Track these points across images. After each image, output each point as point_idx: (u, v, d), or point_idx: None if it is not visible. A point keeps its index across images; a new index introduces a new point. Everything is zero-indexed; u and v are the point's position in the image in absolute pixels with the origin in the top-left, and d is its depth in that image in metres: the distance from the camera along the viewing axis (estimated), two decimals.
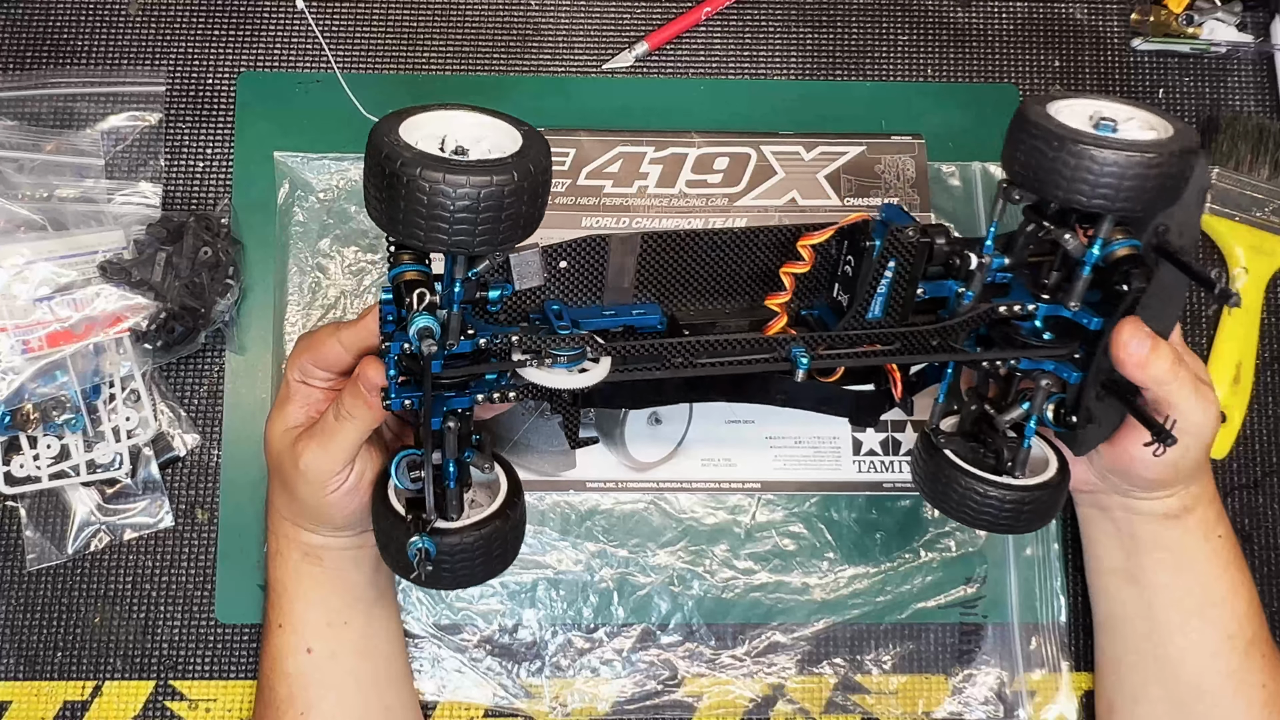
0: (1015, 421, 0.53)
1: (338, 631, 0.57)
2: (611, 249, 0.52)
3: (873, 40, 0.72)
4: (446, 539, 0.48)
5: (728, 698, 0.64)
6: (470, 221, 0.40)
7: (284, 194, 0.67)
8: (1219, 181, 0.69)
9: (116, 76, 0.69)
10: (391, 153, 0.40)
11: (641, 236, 0.52)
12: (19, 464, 0.63)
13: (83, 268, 0.63)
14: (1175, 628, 0.58)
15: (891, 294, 0.51)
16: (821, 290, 0.56)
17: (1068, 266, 0.50)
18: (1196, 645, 0.57)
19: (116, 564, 0.64)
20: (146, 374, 0.64)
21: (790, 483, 0.66)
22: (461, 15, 0.71)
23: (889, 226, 0.50)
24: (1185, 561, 0.58)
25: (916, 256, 0.50)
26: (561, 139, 0.68)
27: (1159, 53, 0.73)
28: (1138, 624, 0.59)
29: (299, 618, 0.57)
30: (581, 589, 0.64)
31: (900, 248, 0.50)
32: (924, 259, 0.50)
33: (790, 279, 0.53)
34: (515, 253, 0.49)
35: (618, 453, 0.65)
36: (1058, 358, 0.51)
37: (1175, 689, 0.58)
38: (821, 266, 0.54)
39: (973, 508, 0.53)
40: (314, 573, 0.57)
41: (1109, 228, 0.47)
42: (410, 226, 0.40)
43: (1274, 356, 0.69)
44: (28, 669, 0.63)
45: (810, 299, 0.56)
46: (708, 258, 0.53)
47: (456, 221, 0.40)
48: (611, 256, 0.52)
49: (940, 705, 0.64)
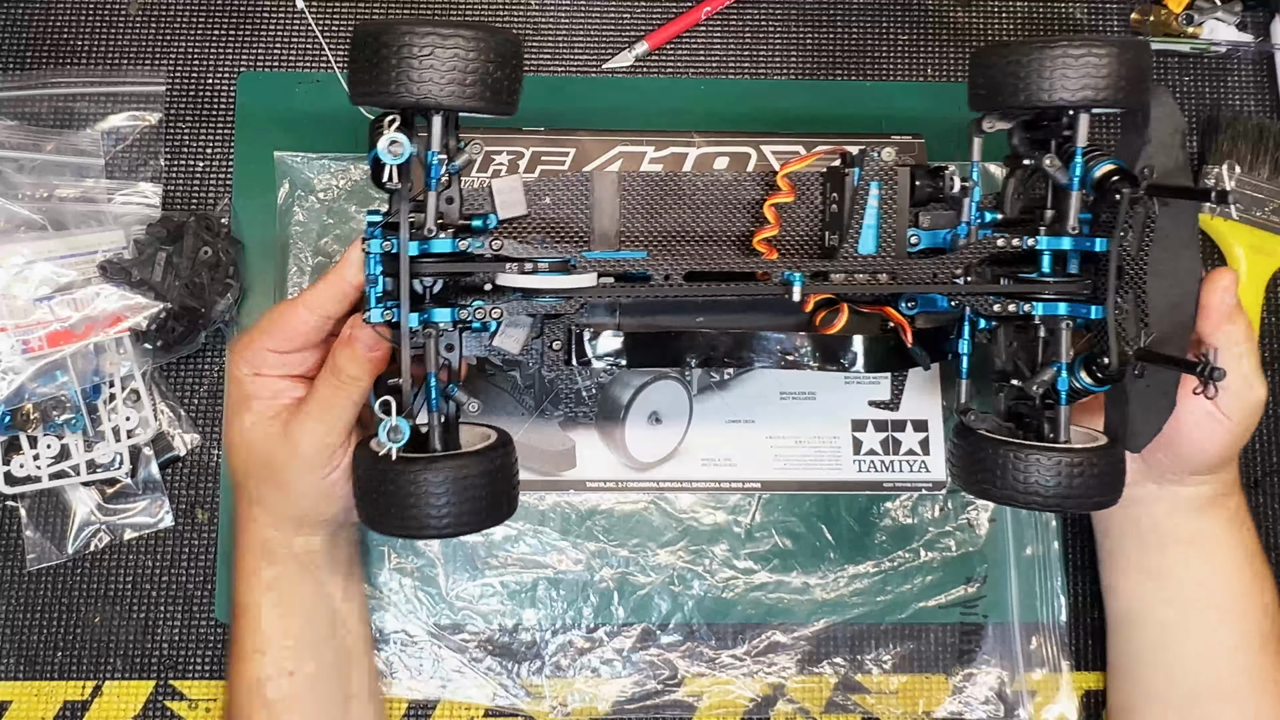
0: (1047, 385, 0.50)
1: (319, 650, 0.56)
2: (593, 184, 0.52)
3: (873, 40, 0.72)
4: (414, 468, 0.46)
5: (728, 697, 0.64)
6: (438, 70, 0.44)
7: (284, 194, 0.67)
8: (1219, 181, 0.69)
9: (116, 76, 0.69)
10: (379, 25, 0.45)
11: (620, 176, 0.52)
12: (19, 464, 0.63)
13: (83, 268, 0.63)
14: (1195, 624, 0.57)
15: (882, 226, 0.51)
16: (815, 242, 0.54)
17: (1059, 203, 0.50)
18: (1216, 642, 0.57)
19: (116, 564, 0.64)
20: (146, 374, 0.64)
21: (790, 483, 0.66)
22: (461, 15, 0.71)
23: (865, 151, 0.51)
24: (1210, 555, 0.57)
25: (899, 179, 0.51)
26: (561, 139, 0.68)
27: (1159, 52, 0.73)
28: (1156, 621, 0.58)
29: (281, 639, 0.55)
30: (581, 589, 0.64)
31: (879, 169, 0.50)
32: (909, 182, 0.51)
33: (773, 211, 0.53)
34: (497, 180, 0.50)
35: (618, 453, 0.65)
36: (1068, 292, 0.50)
37: (1194, 686, 0.57)
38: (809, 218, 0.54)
39: (1019, 482, 0.48)
40: (298, 588, 0.55)
41: (1083, 129, 0.48)
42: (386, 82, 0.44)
43: (1274, 356, 0.69)
44: (28, 669, 0.63)
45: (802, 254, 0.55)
46: (693, 200, 0.53)
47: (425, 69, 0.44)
48: (594, 193, 0.52)
49: (941, 705, 0.64)
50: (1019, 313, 0.51)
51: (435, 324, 0.48)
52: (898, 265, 0.51)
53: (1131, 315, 0.50)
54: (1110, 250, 0.49)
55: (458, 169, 0.49)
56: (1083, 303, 0.50)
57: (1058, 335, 0.50)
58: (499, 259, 0.49)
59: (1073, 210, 0.49)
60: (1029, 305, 0.50)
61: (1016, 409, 0.53)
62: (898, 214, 0.51)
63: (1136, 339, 0.50)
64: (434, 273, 0.48)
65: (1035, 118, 0.51)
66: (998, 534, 0.66)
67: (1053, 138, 0.50)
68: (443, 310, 0.49)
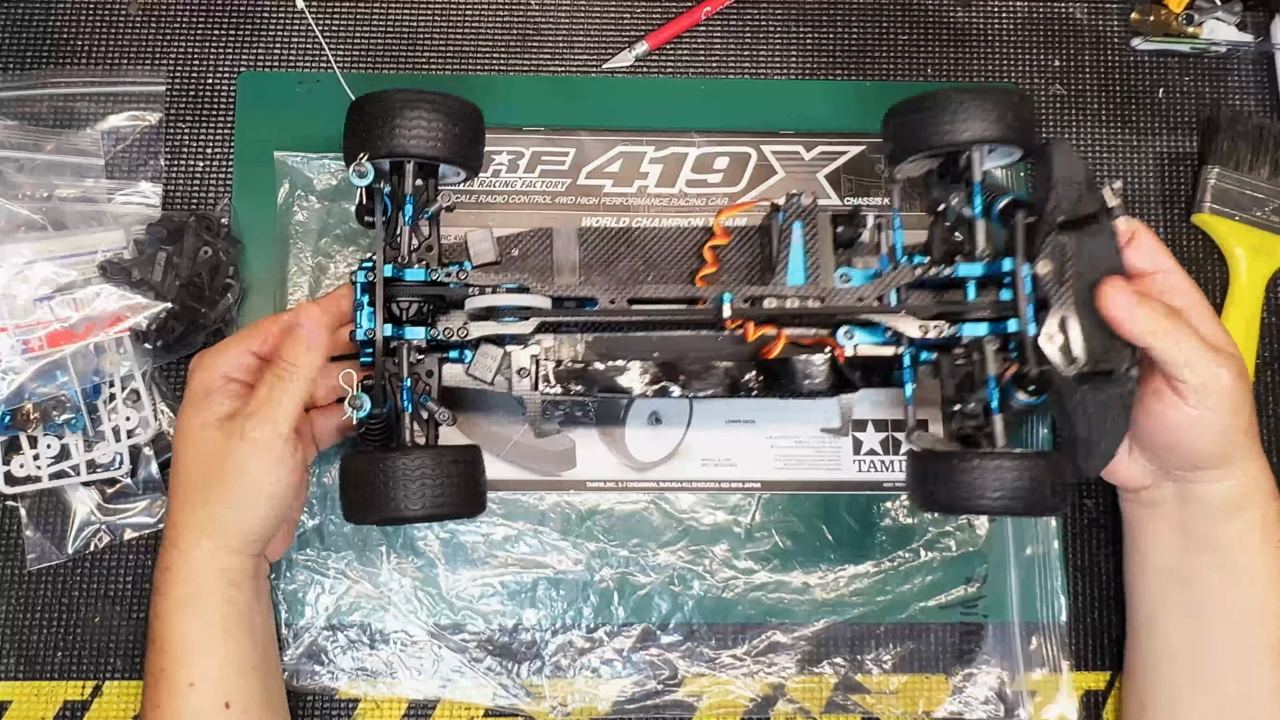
0: (983, 400, 0.54)
1: (249, 679, 0.55)
2: (555, 237, 0.59)
3: (873, 40, 0.72)
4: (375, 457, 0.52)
5: (728, 698, 0.64)
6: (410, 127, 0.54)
7: (284, 194, 0.67)
8: (1219, 181, 0.69)
9: (116, 76, 0.69)
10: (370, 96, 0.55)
11: (579, 230, 0.60)
12: (19, 464, 0.63)
13: (83, 268, 0.63)
14: (1221, 635, 0.56)
15: (808, 260, 0.58)
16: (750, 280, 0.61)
17: (973, 236, 0.56)
18: (1242, 655, 0.56)
19: (116, 564, 0.64)
20: (146, 374, 0.64)
21: (790, 483, 0.66)
22: (461, 15, 0.71)
23: (790, 197, 0.58)
24: (1239, 568, 0.56)
25: (819, 219, 0.58)
26: (561, 139, 0.68)
27: (1159, 52, 0.73)
28: (1181, 627, 0.58)
29: (216, 671, 0.54)
30: (581, 589, 0.64)
31: (801, 211, 0.58)
32: (830, 224, 0.58)
33: (711, 253, 0.59)
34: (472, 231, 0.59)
35: (618, 453, 0.65)
36: (981, 310, 0.55)
37: (1216, 696, 0.56)
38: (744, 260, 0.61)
39: (961, 489, 0.52)
40: (234, 610, 0.55)
41: (978, 164, 0.55)
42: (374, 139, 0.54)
43: (1274, 356, 0.70)
44: (28, 669, 0.63)
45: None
46: (644, 249, 0.60)
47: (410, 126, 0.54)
48: (556, 244, 0.59)
49: (941, 705, 0.64)
50: (945, 337, 0.55)
51: (408, 340, 0.55)
52: (825, 292, 0.57)
53: (1062, 340, 0.53)
54: (1016, 268, 0.53)
55: (431, 214, 0.57)
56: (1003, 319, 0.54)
57: (984, 354, 0.55)
58: (465, 285, 0.56)
59: (979, 236, 0.55)
60: (953, 328, 0.55)
61: (963, 430, 0.56)
62: (821, 250, 0.58)
63: (1072, 363, 0.53)
64: (409, 294, 0.55)
65: (943, 166, 0.58)
66: (998, 534, 0.66)
67: (961, 181, 0.56)
68: (416, 329, 0.55)
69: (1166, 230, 0.71)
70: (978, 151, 0.55)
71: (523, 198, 0.68)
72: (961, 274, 0.55)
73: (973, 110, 0.54)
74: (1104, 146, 0.71)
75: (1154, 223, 0.71)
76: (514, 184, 0.68)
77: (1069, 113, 0.72)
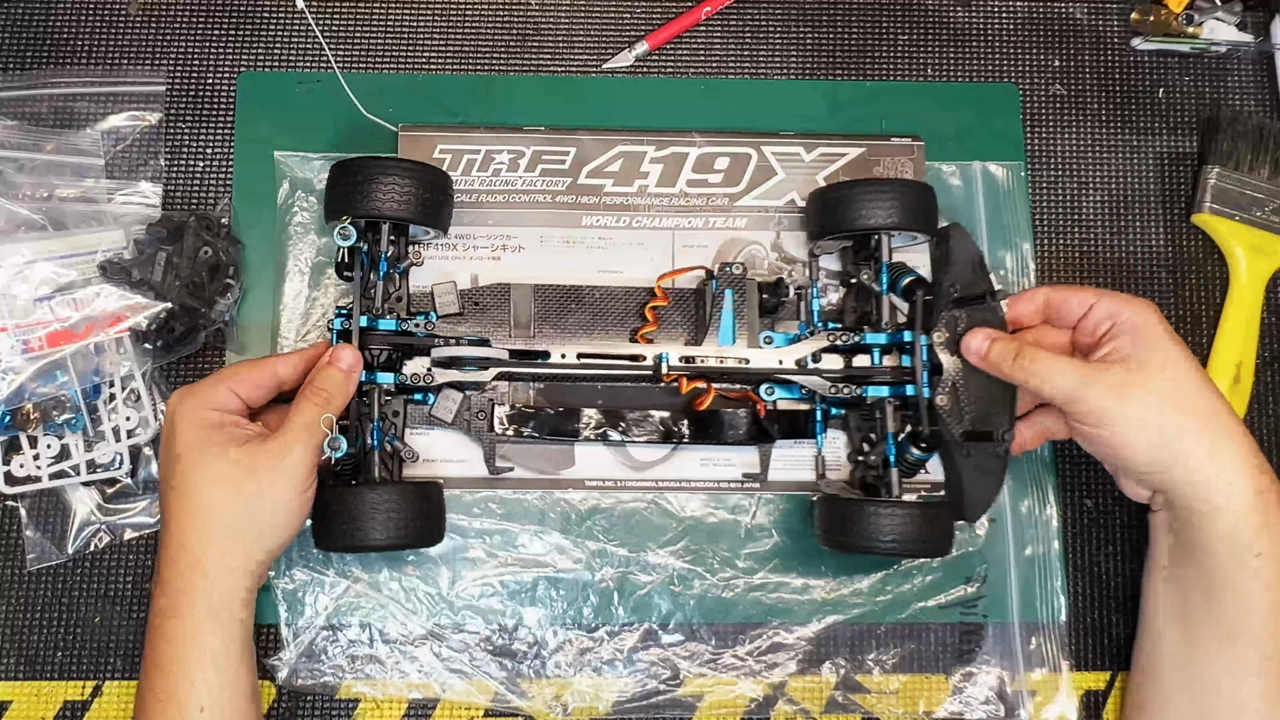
0: (882, 454, 0.62)
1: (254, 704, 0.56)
2: (513, 293, 0.65)
3: (873, 40, 0.72)
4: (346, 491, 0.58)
5: (728, 697, 0.64)
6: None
7: (284, 194, 0.67)
8: (1219, 181, 0.69)
9: (116, 76, 0.69)
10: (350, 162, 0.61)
11: (534, 287, 0.65)
12: (19, 464, 0.63)
13: (83, 268, 0.63)
14: (1209, 647, 0.56)
15: (737, 323, 0.63)
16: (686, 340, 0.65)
17: (878, 307, 0.63)
18: (1233, 664, 0.56)
19: (116, 564, 0.64)
20: (146, 374, 0.64)
21: (791, 483, 0.66)
22: (461, 15, 0.71)
23: (723, 266, 0.64)
24: (1219, 584, 0.56)
25: (748, 287, 0.64)
26: (561, 139, 0.68)
27: (1159, 52, 0.73)
28: (1175, 631, 0.58)
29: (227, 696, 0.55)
30: (581, 588, 0.64)
31: (732, 280, 0.64)
32: (757, 290, 0.64)
33: (652, 313, 0.64)
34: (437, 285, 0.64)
35: (618, 452, 0.65)
36: (883, 375, 0.62)
37: (1209, 703, 0.56)
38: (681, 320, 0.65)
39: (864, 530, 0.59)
40: (244, 633, 0.56)
41: (886, 247, 0.62)
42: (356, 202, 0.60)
43: (1274, 356, 0.70)
44: (28, 669, 0.63)
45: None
46: (593, 305, 0.65)
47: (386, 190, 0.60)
48: (513, 299, 0.64)
49: (941, 705, 0.64)
50: (852, 396, 0.62)
51: (379, 384, 0.60)
52: (751, 353, 0.63)
53: (953, 404, 0.60)
54: (914, 339, 0.61)
55: (403, 269, 0.63)
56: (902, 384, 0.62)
57: (885, 413, 0.62)
58: (431, 336, 0.62)
59: (884, 309, 0.63)
60: (859, 389, 0.62)
61: (866, 479, 0.63)
62: (749, 313, 0.64)
63: (960, 423, 0.60)
64: (380, 343, 0.61)
65: (857, 244, 0.65)
66: (998, 534, 0.66)
67: (871, 259, 0.63)
68: (386, 374, 0.61)
69: (1166, 230, 0.71)
70: (885, 236, 0.62)
71: (523, 197, 0.68)
72: (868, 341, 0.63)
73: (883, 200, 0.62)
74: (1104, 146, 0.71)
75: (1154, 223, 0.71)
76: (514, 183, 0.68)
77: (1069, 113, 0.72)
